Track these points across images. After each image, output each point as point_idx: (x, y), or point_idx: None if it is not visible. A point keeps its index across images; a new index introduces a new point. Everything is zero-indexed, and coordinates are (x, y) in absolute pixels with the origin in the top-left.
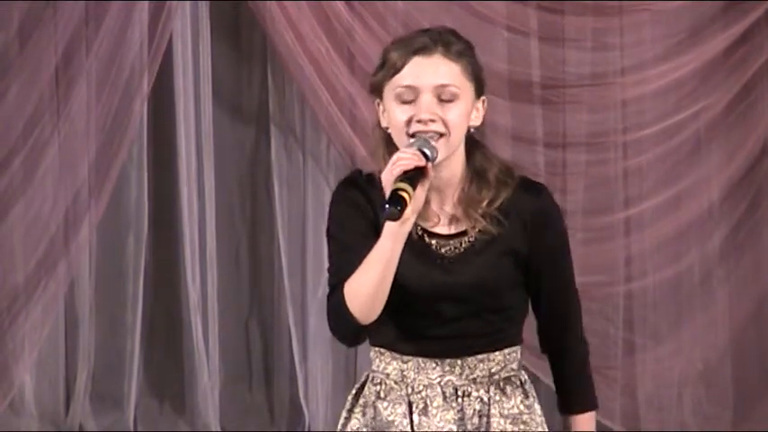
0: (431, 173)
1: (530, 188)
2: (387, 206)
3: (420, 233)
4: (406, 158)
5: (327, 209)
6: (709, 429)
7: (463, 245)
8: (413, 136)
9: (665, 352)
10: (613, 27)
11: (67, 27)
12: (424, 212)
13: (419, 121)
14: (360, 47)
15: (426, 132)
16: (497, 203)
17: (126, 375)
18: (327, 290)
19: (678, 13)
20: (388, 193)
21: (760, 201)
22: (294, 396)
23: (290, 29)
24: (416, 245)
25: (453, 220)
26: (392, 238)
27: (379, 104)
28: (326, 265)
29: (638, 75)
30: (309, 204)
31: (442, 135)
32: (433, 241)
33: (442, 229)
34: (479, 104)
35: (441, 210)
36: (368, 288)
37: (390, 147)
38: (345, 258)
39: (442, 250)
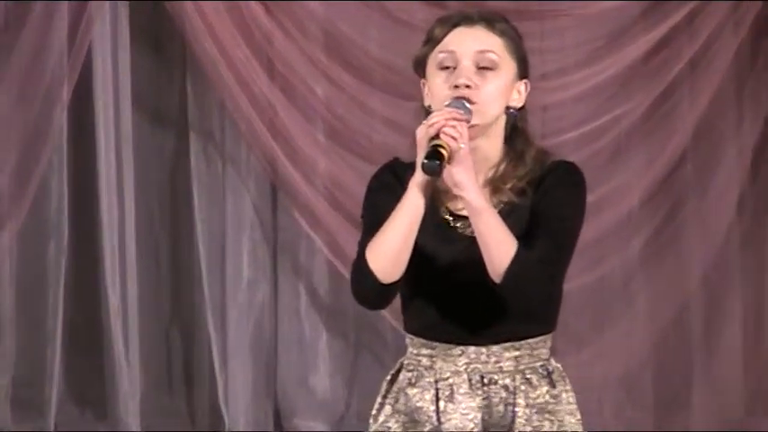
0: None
1: (559, 164)
2: (426, 161)
3: (446, 216)
4: (442, 116)
5: (247, 216)
6: None
7: None
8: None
9: (586, 357)
10: (534, 32)
11: None
12: (452, 195)
13: (456, 87)
14: (279, 53)
15: (461, 98)
16: (527, 179)
17: (47, 381)
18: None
19: (599, 18)
20: (424, 152)
21: (680, 206)
22: (214, 401)
23: (210, 35)
24: (442, 228)
25: None
26: (421, 193)
27: (423, 84)
28: (245, 271)
29: (559, 79)
30: (229, 211)
31: (474, 103)
32: (459, 224)
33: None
34: (521, 87)
35: None
36: (391, 243)
37: None
38: (374, 231)
39: (468, 231)
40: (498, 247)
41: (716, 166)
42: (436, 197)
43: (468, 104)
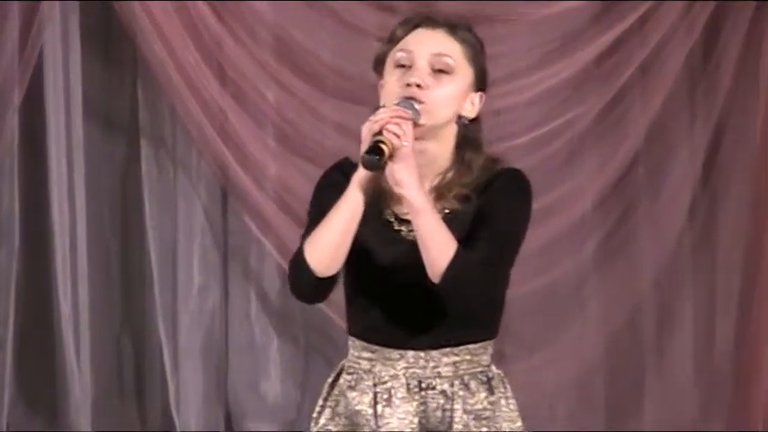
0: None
1: (505, 170)
2: (365, 155)
3: (390, 219)
4: (387, 113)
5: (198, 222)
6: None
7: None
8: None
9: (538, 362)
10: (485, 36)
11: None
12: (397, 198)
13: (408, 85)
14: (229, 58)
15: (410, 98)
16: (472, 186)
17: None
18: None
19: (550, 22)
20: (365, 146)
21: (632, 209)
22: (166, 407)
23: (160, 40)
24: (385, 230)
25: None
26: (360, 189)
27: (381, 86)
28: (196, 277)
29: (511, 84)
30: (180, 217)
31: (422, 103)
32: (402, 227)
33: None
34: (476, 98)
35: None
36: (328, 238)
37: None
38: (315, 226)
39: (411, 235)
40: (438, 248)
41: (668, 170)
42: (382, 199)
43: (416, 105)
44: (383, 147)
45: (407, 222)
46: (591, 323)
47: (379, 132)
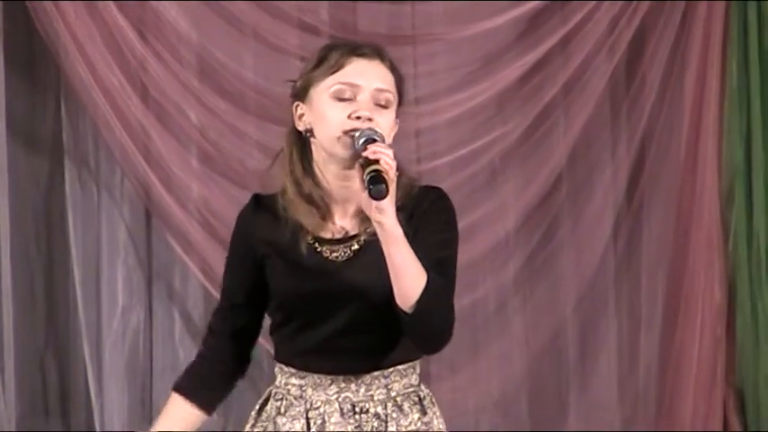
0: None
1: (427, 191)
2: (376, 186)
3: (313, 243)
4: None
5: (122, 242)
6: None
7: (353, 248)
8: (348, 133)
9: (461, 381)
10: (407, 57)
11: None
12: (324, 225)
13: (359, 118)
14: (153, 79)
15: (362, 129)
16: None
17: None
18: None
19: (472, 42)
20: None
21: (555, 229)
22: (90, 427)
23: (83, 61)
24: (311, 256)
25: (347, 228)
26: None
27: (297, 107)
28: (120, 297)
29: (432, 104)
30: (104, 237)
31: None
32: (324, 247)
33: (334, 235)
34: (396, 121)
35: (342, 220)
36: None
37: (305, 150)
38: (226, 280)
39: (333, 255)
40: (411, 277)
41: (591, 191)
42: (297, 230)
43: (376, 135)
44: (384, 176)
45: (327, 242)
46: (514, 342)
47: (375, 162)
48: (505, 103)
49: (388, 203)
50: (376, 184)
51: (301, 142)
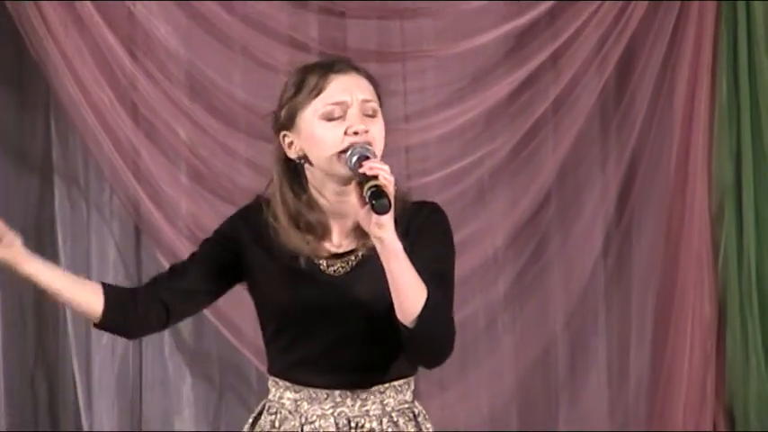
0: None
1: (422, 206)
2: (380, 201)
3: (312, 258)
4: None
5: (111, 258)
6: None
7: (350, 263)
8: (345, 151)
9: (450, 398)
10: (396, 73)
11: None
12: (321, 245)
13: (355, 133)
14: (143, 97)
15: (359, 143)
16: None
17: None
18: None
19: (461, 59)
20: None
21: (544, 246)
22: None
23: (73, 78)
24: (305, 269)
25: (345, 243)
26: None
27: (285, 137)
28: None
29: (422, 121)
30: (93, 254)
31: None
32: (322, 262)
33: (333, 250)
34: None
35: (340, 236)
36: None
37: (297, 178)
38: (181, 264)
39: (330, 270)
40: (412, 292)
41: (580, 207)
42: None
43: (369, 149)
44: (385, 190)
45: (329, 257)
46: (504, 359)
47: (374, 177)
48: (495, 120)
49: (388, 218)
50: (379, 199)
51: (291, 170)
